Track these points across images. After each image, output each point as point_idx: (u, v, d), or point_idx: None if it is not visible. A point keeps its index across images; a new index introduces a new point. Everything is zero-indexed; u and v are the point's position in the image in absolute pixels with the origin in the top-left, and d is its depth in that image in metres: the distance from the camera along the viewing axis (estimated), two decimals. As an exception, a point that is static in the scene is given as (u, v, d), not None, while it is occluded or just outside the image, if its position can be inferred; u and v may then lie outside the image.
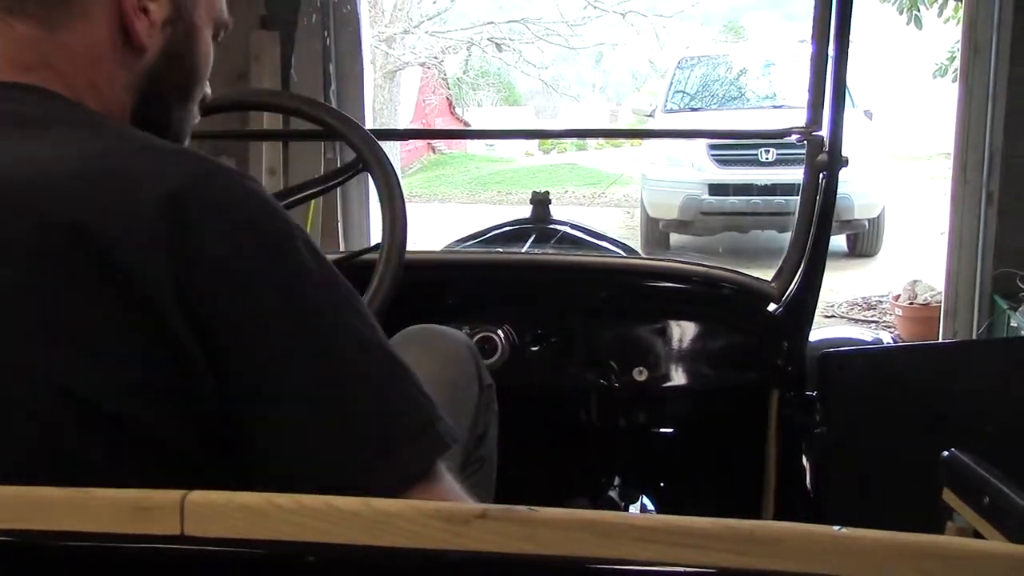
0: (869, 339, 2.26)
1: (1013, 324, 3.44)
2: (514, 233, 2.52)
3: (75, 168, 0.73)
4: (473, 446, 1.28)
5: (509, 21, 14.10)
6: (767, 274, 1.81)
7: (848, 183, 4.49)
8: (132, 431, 0.70)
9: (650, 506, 1.84)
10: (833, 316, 6.01)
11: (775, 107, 8.15)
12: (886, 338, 2.40)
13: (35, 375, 0.69)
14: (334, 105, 3.62)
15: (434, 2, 13.93)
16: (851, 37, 1.55)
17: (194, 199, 0.71)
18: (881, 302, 6.14)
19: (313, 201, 3.05)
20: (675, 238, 8.01)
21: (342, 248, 3.81)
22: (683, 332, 1.77)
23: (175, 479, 0.60)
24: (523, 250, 2.30)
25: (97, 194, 0.71)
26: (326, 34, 3.85)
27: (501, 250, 2.38)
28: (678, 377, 1.77)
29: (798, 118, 1.71)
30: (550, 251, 2.31)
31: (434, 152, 16.26)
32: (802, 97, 1.72)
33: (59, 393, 0.69)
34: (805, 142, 1.69)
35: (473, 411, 1.27)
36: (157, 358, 0.70)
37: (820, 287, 1.72)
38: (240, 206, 0.73)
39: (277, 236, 0.74)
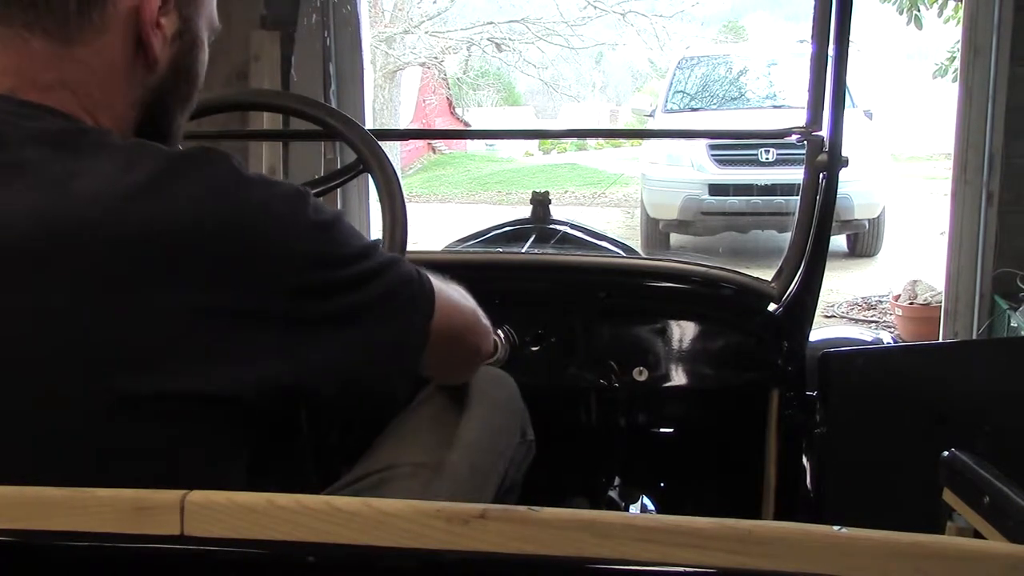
0: (869, 339, 2.26)
1: (1013, 324, 3.44)
2: (514, 233, 2.50)
3: (121, 193, 0.75)
4: (493, 494, 1.24)
5: (509, 21, 14.10)
6: (767, 274, 1.81)
7: (848, 183, 4.48)
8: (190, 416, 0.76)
9: (650, 506, 1.84)
10: (833, 316, 6.01)
11: (775, 107, 8.15)
12: (886, 338, 2.39)
13: (100, 394, 0.72)
14: (334, 105, 3.62)
15: (434, 2, 13.94)
16: (851, 37, 1.55)
17: (245, 222, 0.77)
18: (881, 302, 6.14)
19: (313, 201, 3.05)
20: (675, 238, 8.01)
21: (342, 248, 3.80)
22: (683, 332, 1.77)
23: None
24: (523, 250, 2.29)
25: (148, 220, 0.74)
26: (326, 34, 3.85)
27: (501, 250, 2.37)
28: (678, 377, 1.76)
29: (798, 118, 1.70)
30: (550, 251, 2.30)
31: (434, 152, 16.25)
32: (802, 97, 1.72)
33: (124, 405, 0.72)
34: (805, 142, 1.69)
35: (508, 461, 1.25)
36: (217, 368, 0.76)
37: (820, 287, 1.72)
38: (289, 224, 0.79)
39: (323, 244, 0.82)
